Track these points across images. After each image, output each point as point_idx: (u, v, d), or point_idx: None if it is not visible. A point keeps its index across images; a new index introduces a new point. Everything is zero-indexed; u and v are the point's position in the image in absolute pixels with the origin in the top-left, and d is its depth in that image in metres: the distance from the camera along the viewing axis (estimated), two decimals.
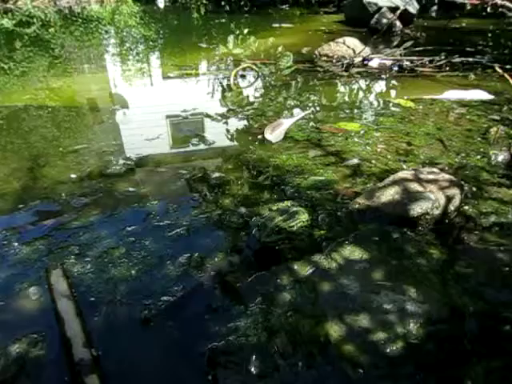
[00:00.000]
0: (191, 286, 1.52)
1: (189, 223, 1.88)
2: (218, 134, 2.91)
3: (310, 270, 1.54)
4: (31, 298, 1.48)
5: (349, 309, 1.37)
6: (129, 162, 2.47)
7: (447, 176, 2.02)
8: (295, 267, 1.56)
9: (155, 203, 2.05)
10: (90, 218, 1.93)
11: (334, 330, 1.30)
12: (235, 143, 2.80)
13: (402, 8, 5.73)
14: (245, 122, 3.12)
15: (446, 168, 2.35)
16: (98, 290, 1.50)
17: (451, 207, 1.89)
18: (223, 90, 3.97)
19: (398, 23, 6.92)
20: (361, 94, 3.95)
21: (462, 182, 2.07)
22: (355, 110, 3.37)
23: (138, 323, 1.37)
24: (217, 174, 2.29)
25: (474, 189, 2.15)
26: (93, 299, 1.46)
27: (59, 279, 1.53)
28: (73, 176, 2.33)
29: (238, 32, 7.08)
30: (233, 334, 1.29)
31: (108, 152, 2.61)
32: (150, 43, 6.72)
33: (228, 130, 3.00)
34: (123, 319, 1.38)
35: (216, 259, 1.65)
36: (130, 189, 2.18)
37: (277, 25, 8.00)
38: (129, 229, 1.85)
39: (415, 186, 1.91)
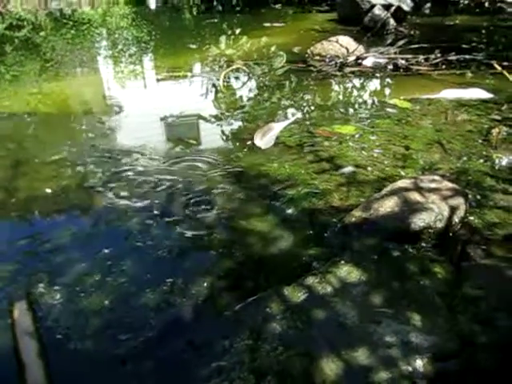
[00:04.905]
0: (172, 318, 1.37)
1: (172, 244, 1.73)
2: (204, 141, 2.75)
3: (303, 296, 1.39)
4: None
5: (347, 343, 1.22)
6: (108, 173, 2.31)
7: (450, 184, 1.87)
8: (286, 293, 1.40)
9: (135, 220, 1.89)
10: (63, 239, 1.77)
11: (331, 368, 1.15)
12: (223, 150, 2.62)
13: (395, 5, 5.57)
14: (234, 127, 2.97)
15: (448, 174, 2.20)
16: (67, 325, 1.34)
17: (455, 219, 1.75)
18: (214, 93, 3.81)
19: (391, 21, 6.77)
20: (355, 94, 3.80)
21: (466, 190, 1.92)
22: (350, 112, 3.22)
23: (110, 366, 1.21)
24: (202, 186, 2.14)
25: (479, 196, 2.01)
26: (60, 336, 1.30)
27: (23, 312, 1.37)
28: (48, 190, 2.17)
29: (230, 32, 6.92)
30: (215, 378, 1.13)
31: (89, 162, 2.45)
32: (142, 45, 6.55)
33: (216, 136, 2.84)
34: (93, 361, 1.22)
35: (201, 285, 1.49)
36: (109, 205, 2.02)
37: (268, 24, 7.83)
38: (106, 251, 1.69)
39: (416, 197, 1.77)
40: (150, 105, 3.57)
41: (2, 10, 10.65)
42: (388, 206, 1.75)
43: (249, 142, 2.64)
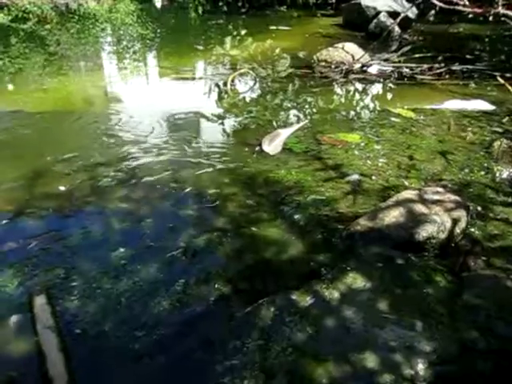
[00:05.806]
0: (186, 316, 1.43)
1: (185, 245, 1.79)
2: (213, 145, 2.80)
3: (311, 301, 1.45)
4: (11, 327, 1.38)
5: (353, 346, 1.29)
6: (120, 174, 2.37)
7: (453, 196, 1.94)
8: (294, 297, 1.47)
9: (149, 221, 1.95)
10: (79, 238, 1.83)
11: (337, 371, 1.22)
12: (232, 155, 2.67)
13: (402, 15, 5.66)
14: (242, 132, 3.03)
15: (450, 185, 2.27)
16: (85, 321, 1.41)
17: (457, 230, 1.82)
18: (220, 97, 3.88)
19: (396, 28, 6.85)
20: (360, 102, 3.86)
21: (468, 202, 1.99)
22: (355, 120, 3.29)
23: (127, 360, 1.28)
24: (212, 190, 2.20)
25: (479, 208, 2.08)
26: (78, 331, 1.37)
27: (43, 307, 1.43)
28: (62, 188, 2.23)
29: (235, 33, 6.98)
30: (228, 375, 1.20)
31: (99, 162, 2.50)
32: (147, 41, 6.60)
33: (224, 141, 2.91)
34: (111, 355, 1.29)
35: (214, 286, 1.56)
36: (122, 205, 2.08)
37: (274, 27, 7.89)
38: (121, 250, 1.75)
39: (420, 208, 1.84)
40: (155, 105, 3.62)
41: (8, 2, 10.64)
42: (393, 215, 1.82)
43: (257, 148, 2.70)
